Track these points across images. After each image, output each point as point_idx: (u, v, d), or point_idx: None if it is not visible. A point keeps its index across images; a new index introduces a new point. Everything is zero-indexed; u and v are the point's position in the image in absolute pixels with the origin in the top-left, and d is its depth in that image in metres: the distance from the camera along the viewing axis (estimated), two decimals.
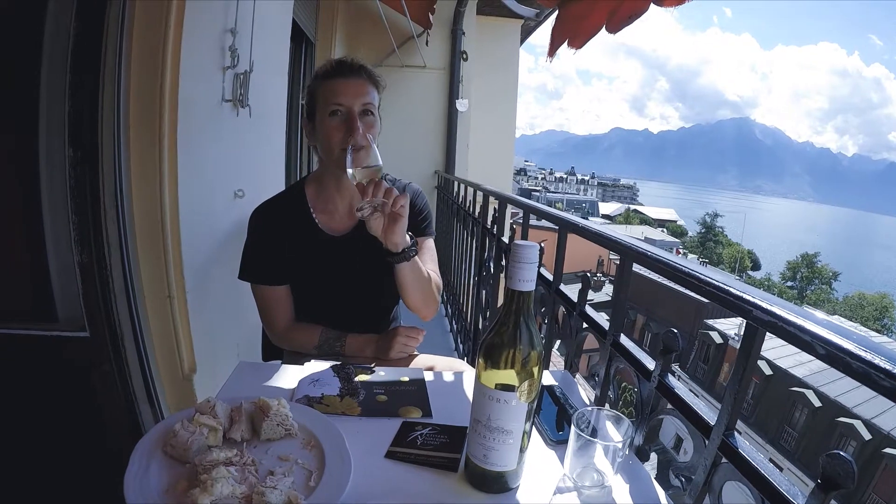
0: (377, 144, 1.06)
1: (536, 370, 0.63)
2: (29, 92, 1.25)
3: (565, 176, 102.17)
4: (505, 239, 1.93)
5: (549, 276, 1.29)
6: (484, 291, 2.17)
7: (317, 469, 0.68)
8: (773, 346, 12.29)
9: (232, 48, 1.68)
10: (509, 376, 0.63)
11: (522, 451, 0.66)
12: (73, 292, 1.33)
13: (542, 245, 1.13)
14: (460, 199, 3.06)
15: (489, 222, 2.15)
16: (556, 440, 0.80)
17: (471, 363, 1.67)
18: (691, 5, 1.07)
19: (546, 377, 1.02)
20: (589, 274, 1.24)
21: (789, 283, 42.07)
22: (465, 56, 4.66)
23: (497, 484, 0.67)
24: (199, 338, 1.55)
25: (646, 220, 58.20)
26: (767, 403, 13.21)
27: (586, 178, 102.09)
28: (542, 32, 5.70)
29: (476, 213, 2.45)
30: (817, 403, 12.13)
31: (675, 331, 0.79)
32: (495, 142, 5.77)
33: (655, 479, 0.75)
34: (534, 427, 0.79)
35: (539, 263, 1.32)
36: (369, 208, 0.99)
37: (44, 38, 1.24)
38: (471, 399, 0.67)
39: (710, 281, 0.70)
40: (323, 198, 1.19)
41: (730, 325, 15.60)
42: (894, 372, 0.44)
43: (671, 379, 0.80)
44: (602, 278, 22.85)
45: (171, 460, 0.67)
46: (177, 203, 1.43)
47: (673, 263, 0.80)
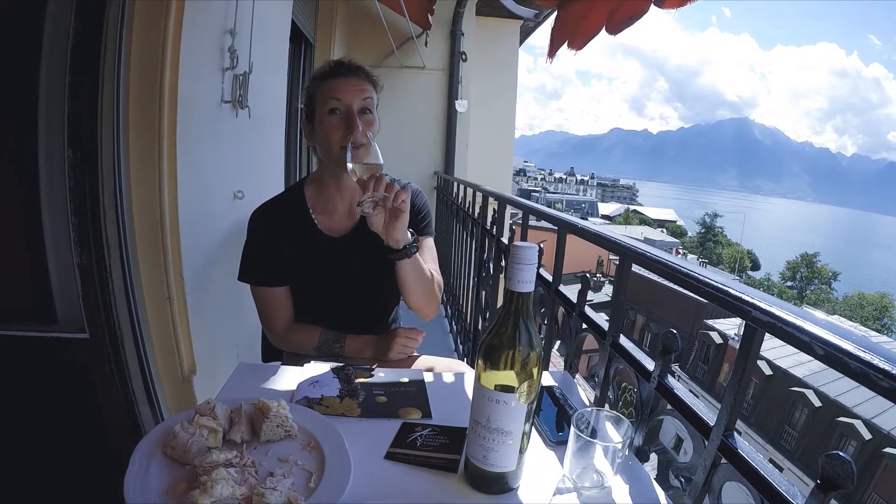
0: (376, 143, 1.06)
1: (536, 371, 0.63)
2: (28, 93, 1.25)
3: (565, 176, 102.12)
4: (504, 240, 1.93)
5: (549, 277, 1.29)
6: (484, 292, 2.17)
7: (316, 470, 0.68)
8: (772, 346, 12.29)
9: (231, 49, 1.68)
10: (509, 377, 0.63)
11: (522, 451, 0.66)
12: (72, 293, 1.33)
13: (542, 246, 1.13)
14: (460, 200, 3.05)
15: (489, 223, 2.15)
16: (556, 441, 0.80)
17: (471, 364, 1.67)
18: (690, 6, 1.07)
19: (546, 378, 1.02)
20: (588, 274, 1.24)
21: (789, 283, 42.10)
22: (464, 57, 4.66)
23: (497, 485, 0.67)
24: (199, 339, 1.55)
25: (645, 221, 58.22)
26: (767, 403, 13.20)
27: (586, 178, 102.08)
28: (542, 33, 5.71)
29: (475, 214, 2.45)
30: (817, 403, 12.13)
31: (675, 331, 0.80)
32: (495, 142, 5.77)
33: (655, 479, 0.75)
34: (533, 428, 0.79)
35: (538, 264, 1.32)
36: (370, 203, 0.99)
37: (43, 39, 1.24)
38: (470, 400, 0.67)
39: (709, 281, 0.70)
40: (322, 199, 1.19)
41: (730, 326, 15.57)
42: (893, 372, 0.44)
43: (670, 379, 0.80)
44: (602, 279, 22.85)
45: (170, 461, 0.67)
46: (176, 204, 1.43)
47: (672, 264, 0.80)
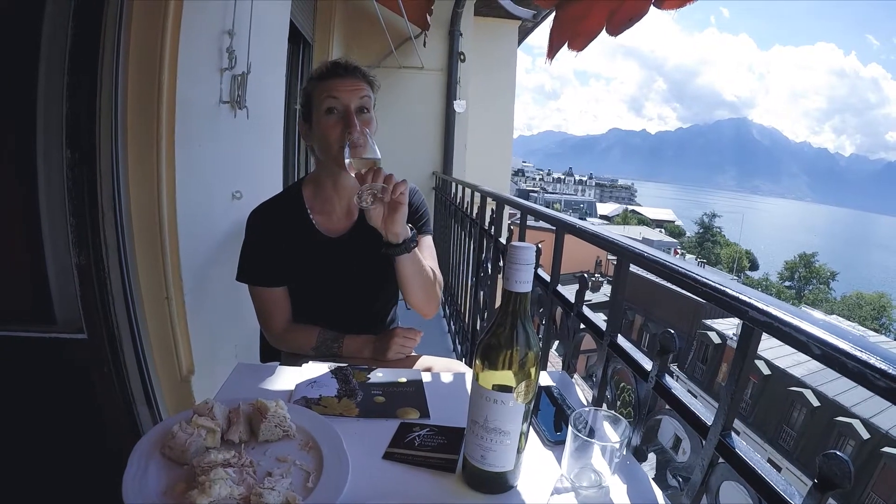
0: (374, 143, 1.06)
1: (533, 371, 0.64)
2: (27, 93, 1.25)
3: (563, 177, 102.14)
4: (502, 240, 1.93)
5: (547, 277, 1.29)
6: (482, 292, 2.17)
7: (315, 470, 0.68)
8: (770, 346, 12.31)
9: (229, 49, 1.68)
10: (506, 377, 0.63)
11: (520, 451, 0.66)
12: (70, 294, 1.33)
13: (540, 246, 1.13)
14: (458, 201, 3.05)
15: (487, 223, 2.15)
16: (554, 441, 0.80)
17: (469, 364, 1.67)
18: (689, 6, 1.07)
19: (544, 378, 1.02)
20: (587, 275, 1.24)
21: (787, 283, 42.19)
22: (462, 57, 4.66)
23: (494, 484, 0.67)
24: (198, 339, 1.55)
25: (644, 221, 58.32)
26: (766, 403, 13.21)
27: (584, 178, 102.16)
28: (540, 33, 5.71)
29: (474, 215, 2.45)
30: (816, 403, 12.14)
31: (672, 331, 0.80)
32: (493, 143, 5.77)
33: (654, 479, 0.75)
34: (531, 428, 0.80)
35: (536, 264, 1.32)
36: (369, 194, 0.98)
37: (41, 40, 1.24)
38: (468, 400, 0.67)
39: (706, 281, 0.71)
40: (320, 199, 1.20)
41: (728, 326, 15.57)
42: (890, 372, 0.44)
43: (668, 379, 0.80)
44: (600, 279, 22.86)
45: (169, 462, 0.67)
46: (174, 204, 1.42)
47: (669, 264, 0.80)
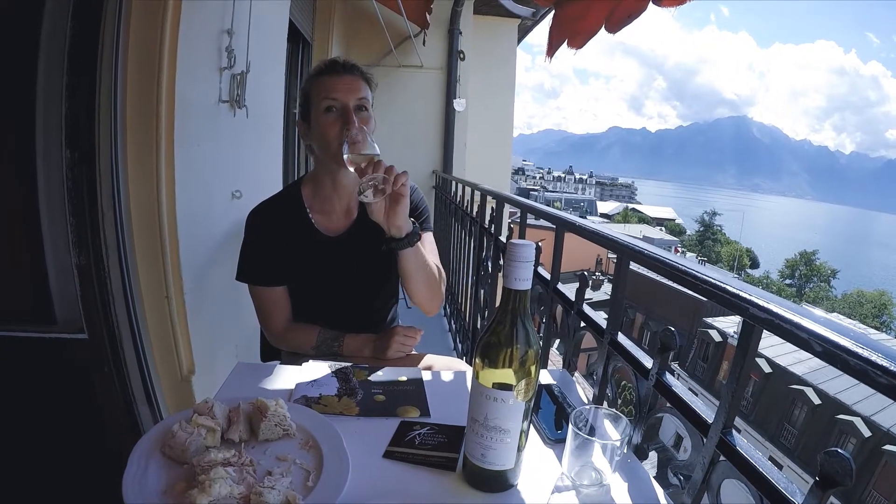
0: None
1: (533, 369, 0.63)
2: (26, 93, 1.25)
3: (563, 175, 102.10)
4: (503, 238, 1.93)
5: (547, 275, 1.29)
6: (482, 291, 2.17)
7: (315, 469, 0.68)
8: (771, 344, 12.30)
9: (229, 49, 1.68)
10: (506, 375, 0.63)
11: (520, 449, 0.66)
12: (71, 294, 1.33)
13: (540, 244, 1.13)
14: (458, 199, 3.05)
15: (487, 222, 2.15)
16: (555, 439, 0.80)
17: (470, 362, 1.67)
18: (689, 4, 1.07)
19: (544, 376, 1.02)
20: (587, 273, 1.24)
21: (788, 281, 42.16)
22: (462, 55, 4.66)
23: (495, 483, 0.67)
24: (198, 339, 1.55)
25: (644, 219, 58.24)
26: (767, 401, 13.20)
27: (584, 177, 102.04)
28: (539, 31, 5.70)
29: (474, 213, 2.45)
30: (817, 401, 12.13)
31: (672, 329, 0.79)
32: (493, 141, 5.77)
33: (655, 477, 0.74)
34: (532, 426, 0.79)
35: (537, 262, 1.32)
36: (370, 187, 0.98)
37: (40, 40, 1.24)
38: (468, 398, 0.67)
39: (706, 279, 0.70)
40: (319, 198, 1.19)
41: (729, 324, 15.54)
42: (891, 369, 0.44)
43: (669, 377, 0.80)
44: (601, 277, 22.86)
45: (169, 461, 0.67)
46: (174, 204, 1.42)
47: (670, 262, 0.80)
